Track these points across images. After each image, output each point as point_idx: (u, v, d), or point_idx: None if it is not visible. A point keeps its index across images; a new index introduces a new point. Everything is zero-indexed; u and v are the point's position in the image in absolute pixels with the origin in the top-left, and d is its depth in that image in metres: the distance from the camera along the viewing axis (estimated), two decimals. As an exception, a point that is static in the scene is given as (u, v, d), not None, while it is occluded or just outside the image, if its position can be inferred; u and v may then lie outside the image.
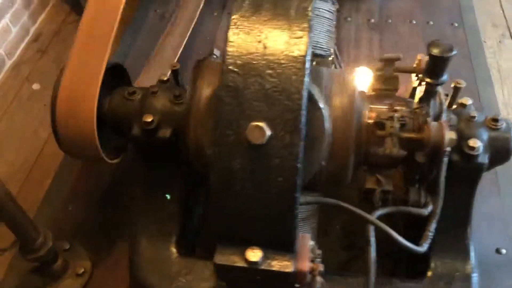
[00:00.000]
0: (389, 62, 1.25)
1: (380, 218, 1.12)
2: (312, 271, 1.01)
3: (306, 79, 0.93)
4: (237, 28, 0.97)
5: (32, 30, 2.62)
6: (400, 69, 1.25)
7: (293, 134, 0.92)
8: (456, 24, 2.29)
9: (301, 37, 0.95)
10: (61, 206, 1.68)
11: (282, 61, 0.94)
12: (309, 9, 0.98)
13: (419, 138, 1.10)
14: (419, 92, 1.25)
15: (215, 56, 1.96)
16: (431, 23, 2.31)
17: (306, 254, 1.02)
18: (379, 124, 1.13)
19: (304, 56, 0.93)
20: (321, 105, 1.02)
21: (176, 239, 1.35)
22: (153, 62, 1.89)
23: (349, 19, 2.29)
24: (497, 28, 2.66)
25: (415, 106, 1.20)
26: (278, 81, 0.93)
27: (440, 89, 1.18)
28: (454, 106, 1.28)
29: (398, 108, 1.17)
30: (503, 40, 2.63)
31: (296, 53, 0.94)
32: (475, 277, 1.27)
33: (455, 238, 1.30)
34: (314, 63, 1.19)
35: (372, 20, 2.33)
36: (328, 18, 1.23)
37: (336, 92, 1.15)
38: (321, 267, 1.02)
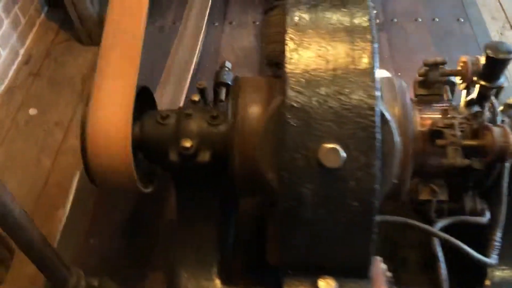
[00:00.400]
0: (434, 66, 1.19)
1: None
2: (389, 296, 0.95)
3: (378, 93, 0.86)
4: (294, 43, 0.90)
5: (22, 52, 2.49)
6: (446, 73, 1.20)
7: (369, 154, 0.85)
8: (462, 19, 2.27)
9: (365, 48, 0.89)
10: (82, 239, 1.57)
11: (349, 76, 0.87)
12: (368, 18, 0.92)
13: (481, 145, 1.05)
14: (465, 96, 1.21)
15: (227, 69, 1.89)
16: (437, 19, 2.28)
17: (382, 279, 0.96)
18: (436, 133, 1.08)
19: (372, 68, 0.87)
20: (389, 117, 0.95)
21: (218, 268, 1.27)
22: (166, 81, 1.79)
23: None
24: (497, 20, 2.65)
25: (466, 111, 1.15)
26: (346, 97, 0.86)
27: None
28: (501, 108, 1.23)
29: (450, 113, 1.11)
30: (504, 32, 2.62)
31: (363, 66, 0.87)
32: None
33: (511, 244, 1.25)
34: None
35: (377, 21, 2.29)
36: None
37: (389, 100, 1.08)
38: (396, 291, 0.96)
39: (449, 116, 1.10)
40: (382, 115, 0.94)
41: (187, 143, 1.15)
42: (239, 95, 1.14)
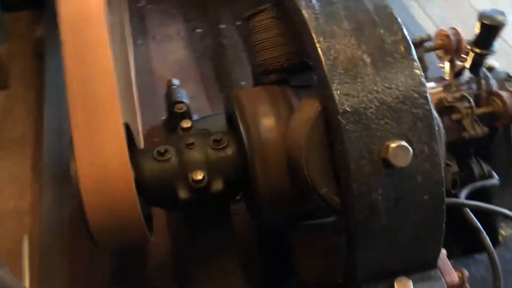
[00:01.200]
0: (419, 43, 1.19)
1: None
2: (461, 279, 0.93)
3: (423, 79, 0.83)
4: (324, 41, 0.83)
5: None
6: (430, 49, 1.21)
7: (431, 144, 0.81)
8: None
9: (397, 33, 0.85)
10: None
11: (391, 66, 0.82)
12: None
13: (494, 110, 1.07)
14: (449, 68, 1.23)
15: (175, 86, 1.75)
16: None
17: (449, 265, 0.94)
18: (449, 109, 1.08)
19: (412, 53, 0.83)
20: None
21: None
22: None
23: None
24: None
25: (455, 82, 1.17)
26: (396, 89, 0.82)
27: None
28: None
29: (455, 88, 1.12)
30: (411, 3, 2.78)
31: (401, 52, 0.83)
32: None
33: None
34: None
35: None
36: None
37: None
38: (465, 272, 0.95)
39: (453, 89, 1.11)
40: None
41: (199, 176, 1.03)
42: (244, 111, 1.04)
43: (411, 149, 0.78)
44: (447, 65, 1.24)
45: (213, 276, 1.16)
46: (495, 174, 1.21)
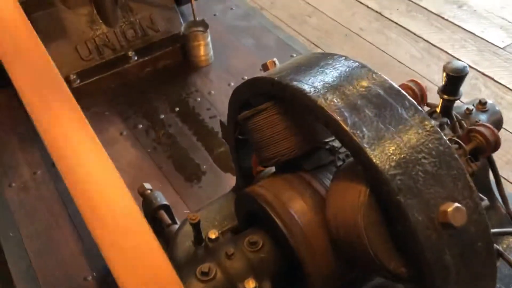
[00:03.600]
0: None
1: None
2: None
3: (447, 142, 0.93)
4: (361, 133, 0.90)
5: None
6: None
7: (472, 196, 0.91)
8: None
9: (410, 107, 0.95)
10: None
11: (422, 139, 0.92)
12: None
13: (477, 146, 1.21)
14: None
15: (149, 191, 1.70)
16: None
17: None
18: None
19: (436, 127, 0.93)
20: None
21: None
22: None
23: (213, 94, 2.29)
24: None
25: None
26: (432, 158, 0.91)
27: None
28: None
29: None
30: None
31: (428, 126, 0.93)
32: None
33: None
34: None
35: (232, 83, 2.37)
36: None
37: None
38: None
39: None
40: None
41: (251, 284, 1.03)
42: (274, 206, 1.07)
43: (464, 208, 0.87)
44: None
45: None
46: (484, 197, 1.35)
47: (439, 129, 0.93)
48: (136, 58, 2.45)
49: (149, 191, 1.69)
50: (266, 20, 2.84)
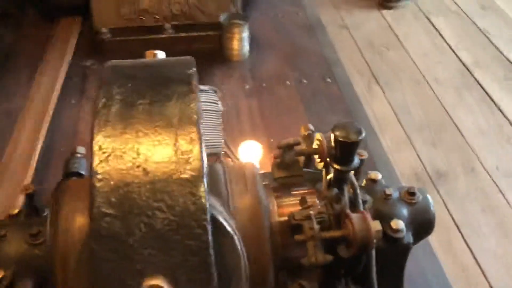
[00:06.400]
0: (288, 148, 1.09)
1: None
2: None
3: (207, 205, 0.72)
4: (103, 153, 0.73)
5: None
6: (301, 153, 1.11)
7: (203, 283, 0.69)
8: (329, 79, 2.29)
9: (191, 151, 0.74)
10: None
11: (172, 187, 0.72)
12: (195, 111, 0.79)
13: (344, 235, 0.94)
14: (325, 176, 1.12)
15: (79, 155, 1.67)
16: (305, 81, 2.27)
17: None
18: (295, 227, 0.96)
19: (201, 176, 0.72)
20: (230, 228, 0.81)
21: None
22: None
23: (224, 90, 2.16)
24: (363, 76, 2.74)
25: (328, 193, 1.06)
26: (171, 215, 0.70)
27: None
28: (364, 183, 1.16)
29: (309, 200, 1.01)
30: (371, 87, 2.71)
31: (188, 173, 0.73)
32: None
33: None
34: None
35: (247, 87, 2.23)
36: (215, 110, 1.05)
37: (237, 192, 0.96)
38: None
39: (306, 205, 0.99)
40: (220, 227, 0.79)
41: None
42: (61, 205, 0.94)
43: (167, 291, 0.66)
44: (323, 172, 1.13)
45: None
46: None
47: (204, 185, 0.72)
48: (172, 32, 2.42)
49: (78, 155, 1.65)
50: (326, 39, 2.60)
